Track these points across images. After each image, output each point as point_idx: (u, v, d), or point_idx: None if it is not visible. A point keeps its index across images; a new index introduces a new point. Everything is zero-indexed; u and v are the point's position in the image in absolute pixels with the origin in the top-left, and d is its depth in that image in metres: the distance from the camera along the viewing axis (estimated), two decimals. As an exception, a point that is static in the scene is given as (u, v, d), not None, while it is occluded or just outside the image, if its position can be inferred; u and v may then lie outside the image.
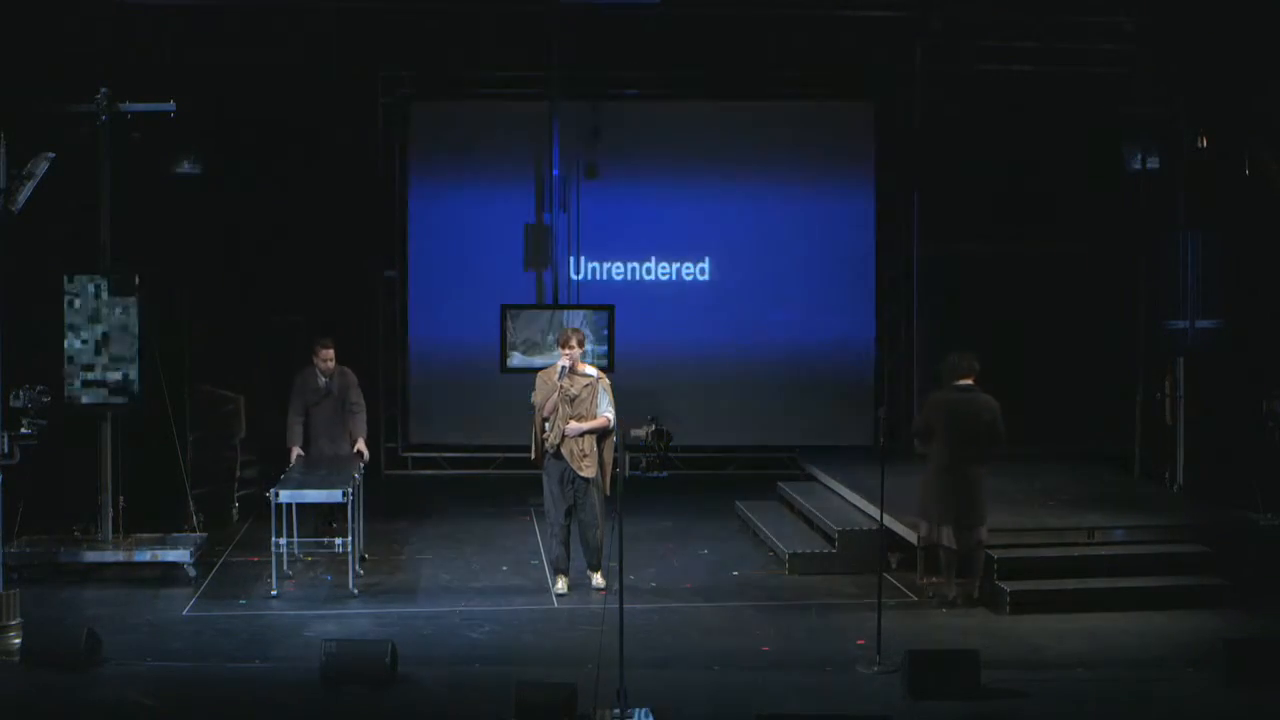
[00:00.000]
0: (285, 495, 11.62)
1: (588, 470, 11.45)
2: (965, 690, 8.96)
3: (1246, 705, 8.97)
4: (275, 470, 12.79)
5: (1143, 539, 11.97)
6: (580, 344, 11.60)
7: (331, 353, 13.12)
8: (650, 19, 15.23)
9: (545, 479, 11.65)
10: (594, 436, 11.49)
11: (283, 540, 11.54)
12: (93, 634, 9.64)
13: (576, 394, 11.45)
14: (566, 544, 11.61)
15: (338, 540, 11.82)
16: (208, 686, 9.27)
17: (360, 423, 13.21)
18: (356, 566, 11.80)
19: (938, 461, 11.27)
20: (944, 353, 16.14)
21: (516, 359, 15.54)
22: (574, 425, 11.42)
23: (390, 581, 12.05)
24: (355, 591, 11.54)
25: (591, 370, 11.72)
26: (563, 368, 11.46)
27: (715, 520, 14.49)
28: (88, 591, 11.68)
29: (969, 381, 11.39)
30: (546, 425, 11.56)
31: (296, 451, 13.01)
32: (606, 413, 11.49)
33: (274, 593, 11.50)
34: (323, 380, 13.14)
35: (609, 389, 11.62)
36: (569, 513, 11.56)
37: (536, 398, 11.62)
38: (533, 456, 11.84)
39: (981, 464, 11.22)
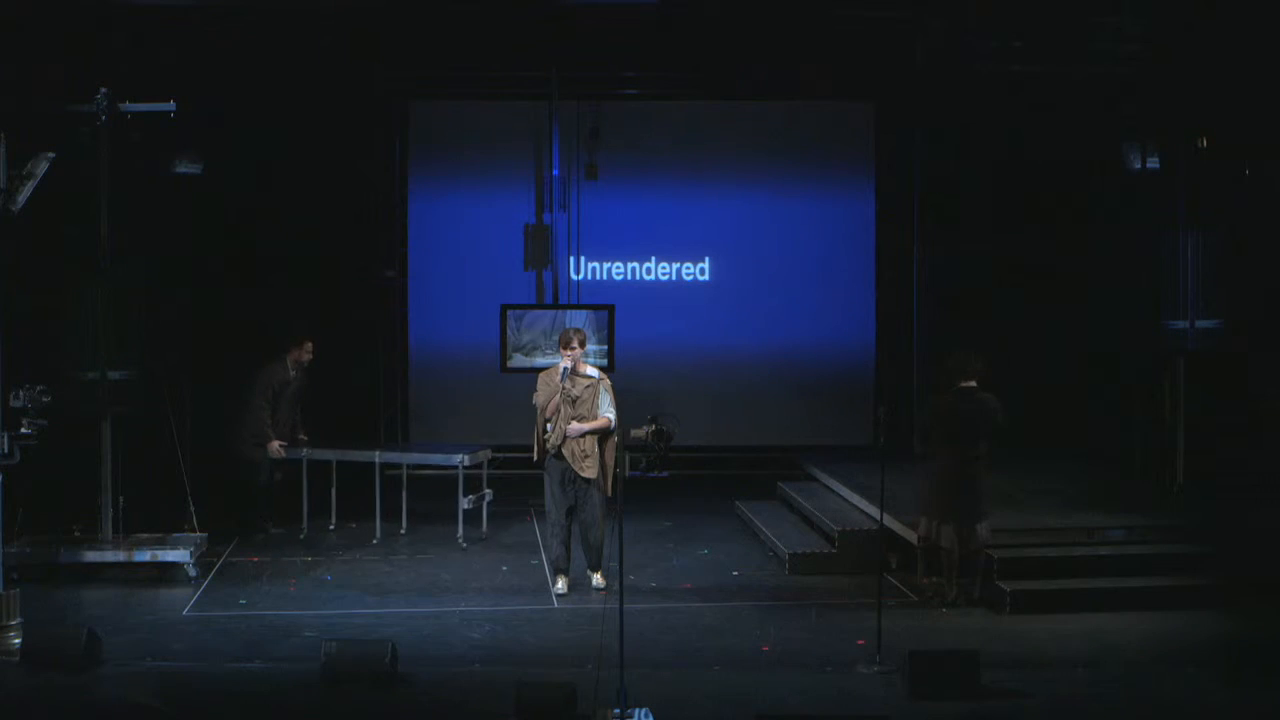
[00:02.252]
0: (469, 460, 13.13)
1: (589, 471, 11.45)
2: (965, 690, 8.96)
3: (1246, 705, 8.97)
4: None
5: (1143, 539, 11.97)
6: (582, 344, 11.59)
7: (311, 346, 13.92)
8: (650, 19, 15.23)
9: (546, 479, 11.65)
10: (595, 437, 11.50)
11: (469, 497, 13.09)
12: (93, 634, 9.64)
13: (578, 395, 11.45)
14: (567, 544, 11.61)
15: (486, 492, 13.51)
16: (208, 686, 9.27)
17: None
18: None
19: (941, 463, 11.26)
20: (944, 353, 16.22)
21: (519, 360, 15.55)
22: (575, 426, 11.42)
23: (390, 581, 12.06)
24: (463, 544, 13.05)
25: (593, 370, 11.72)
26: (564, 369, 11.45)
27: (715, 520, 14.49)
28: (88, 591, 11.68)
29: (972, 384, 11.37)
30: (548, 426, 11.56)
31: (279, 444, 13.62)
32: (608, 413, 11.50)
33: (464, 545, 12.98)
34: (292, 373, 13.79)
35: (610, 389, 11.62)
36: (570, 513, 11.57)
37: (538, 398, 11.62)
38: (535, 458, 11.85)
39: (984, 465, 11.22)
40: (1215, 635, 10.24)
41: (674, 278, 17.29)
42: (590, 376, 11.60)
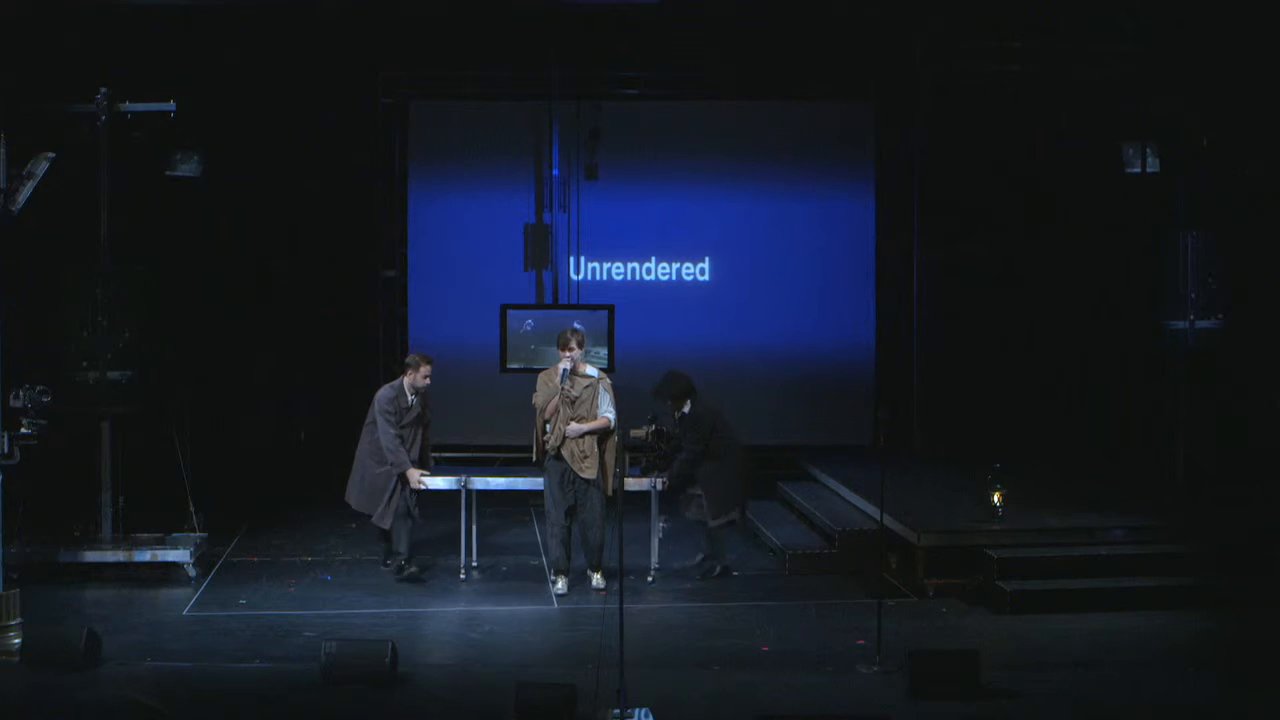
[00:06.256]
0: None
1: (588, 471, 11.45)
2: (965, 690, 8.96)
3: (1246, 705, 8.97)
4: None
5: (1143, 539, 11.98)
6: (580, 344, 11.60)
7: (430, 369, 12.29)
8: (650, 19, 15.23)
9: (546, 479, 11.65)
10: (594, 437, 11.49)
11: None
12: (93, 634, 9.64)
13: (577, 395, 11.46)
14: (567, 544, 11.61)
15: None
16: (208, 686, 9.27)
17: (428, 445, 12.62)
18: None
19: (731, 457, 12.24)
20: (944, 353, 16.25)
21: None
22: (574, 426, 11.42)
23: (390, 581, 12.05)
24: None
25: (592, 370, 11.73)
26: (564, 370, 11.43)
27: (715, 520, 14.47)
28: (88, 591, 11.69)
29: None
30: (548, 427, 11.55)
31: (419, 472, 12.08)
32: (607, 413, 11.50)
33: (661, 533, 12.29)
34: (411, 398, 12.19)
35: (610, 389, 11.63)
36: (569, 513, 11.56)
37: (537, 399, 11.62)
38: (535, 459, 11.84)
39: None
40: (1215, 635, 10.25)
41: (674, 278, 17.27)
42: (590, 376, 11.61)
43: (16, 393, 10.03)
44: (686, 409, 12.22)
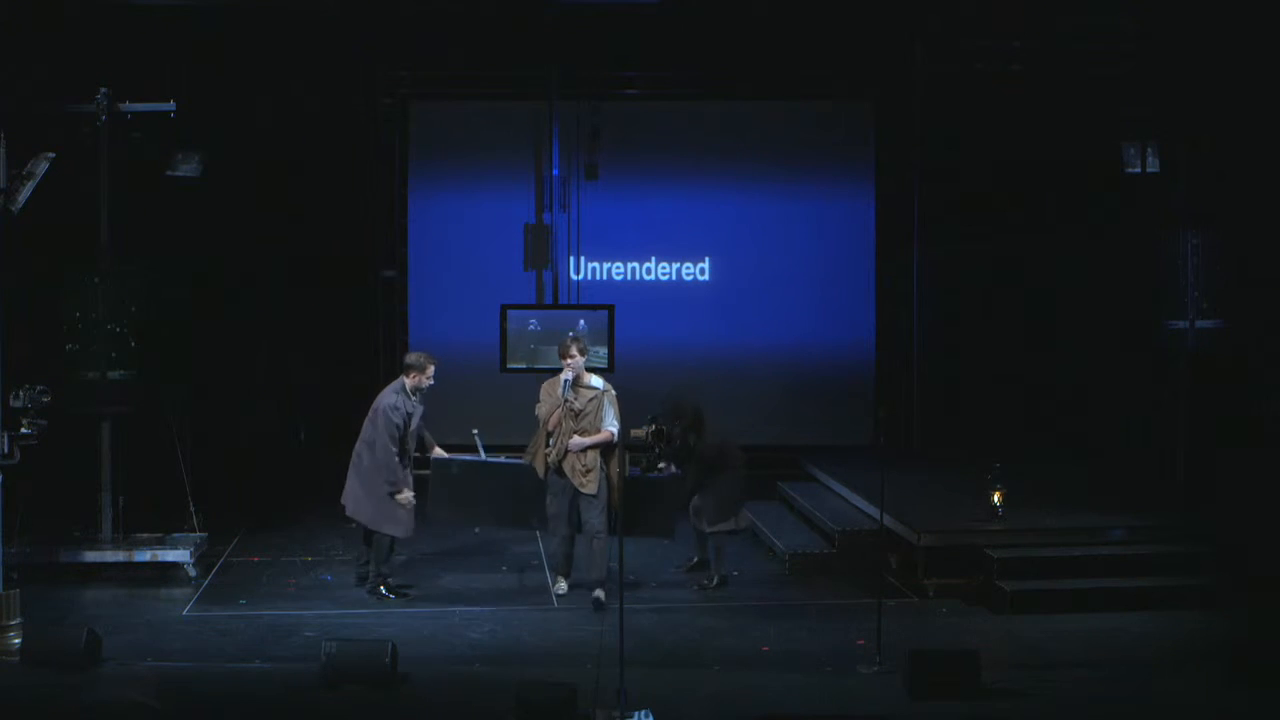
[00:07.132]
0: None
1: (589, 487, 11.24)
2: (965, 690, 8.96)
3: (1246, 705, 8.97)
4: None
5: (1143, 539, 11.98)
6: (581, 352, 11.35)
7: (433, 370, 11.51)
8: (650, 19, 15.22)
9: (549, 493, 11.48)
10: (597, 451, 11.27)
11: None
12: (93, 634, 9.65)
13: (581, 408, 11.24)
14: (569, 553, 11.53)
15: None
16: (208, 686, 9.27)
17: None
18: None
19: (733, 468, 11.94)
20: (944, 353, 16.23)
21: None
22: (576, 440, 11.22)
23: (390, 582, 12.03)
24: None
25: (597, 381, 11.45)
26: (565, 382, 11.22)
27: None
28: (88, 591, 11.69)
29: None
30: (550, 440, 11.36)
31: (410, 494, 11.47)
32: (611, 427, 11.26)
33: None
34: (413, 400, 11.43)
35: (614, 401, 11.37)
36: (572, 523, 11.45)
37: (540, 410, 11.44)
38: (527, 459, 11.65)
39: None
40: (1216, 635, 10.25)
41: (674, 278, 17.28)
42: (594, 388, 11.34)
43: (16, 393, 10.03)
44: (692, 440, 11.84)
